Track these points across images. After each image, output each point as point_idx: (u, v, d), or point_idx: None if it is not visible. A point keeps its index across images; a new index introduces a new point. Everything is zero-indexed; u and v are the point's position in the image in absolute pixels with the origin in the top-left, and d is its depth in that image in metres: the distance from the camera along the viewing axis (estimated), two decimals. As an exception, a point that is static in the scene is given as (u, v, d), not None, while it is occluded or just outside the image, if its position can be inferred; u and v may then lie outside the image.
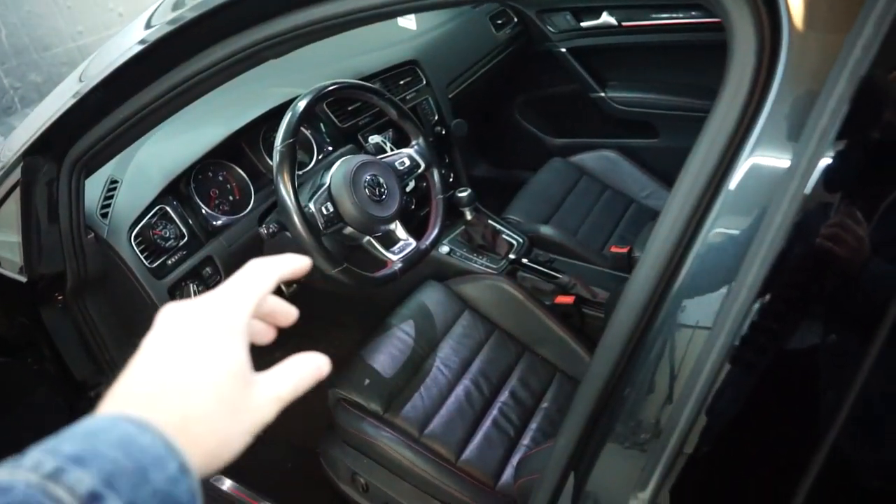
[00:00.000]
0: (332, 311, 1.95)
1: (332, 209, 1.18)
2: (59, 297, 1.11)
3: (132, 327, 1.19)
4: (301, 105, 1.17)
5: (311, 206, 1.16)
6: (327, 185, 1.20)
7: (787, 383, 0.55)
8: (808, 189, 0.44)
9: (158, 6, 0.88)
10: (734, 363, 0.50)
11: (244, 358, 0.38)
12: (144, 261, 1.14)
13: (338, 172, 1.21)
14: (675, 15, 1.97)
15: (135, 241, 1.14)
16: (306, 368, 0.42)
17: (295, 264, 0.46)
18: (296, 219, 1.10)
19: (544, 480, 0.68)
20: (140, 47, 0.82)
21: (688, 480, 0.53)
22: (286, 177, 1.10)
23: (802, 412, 0.56)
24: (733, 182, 0.49)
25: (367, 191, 1.21)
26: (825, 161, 0.44)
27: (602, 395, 0.62)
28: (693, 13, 1.93)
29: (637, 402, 0.57)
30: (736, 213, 0.50)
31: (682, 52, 2.05)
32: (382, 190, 1.24)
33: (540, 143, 2.38)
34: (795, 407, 0.57)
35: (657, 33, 2.03)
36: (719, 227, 0.51)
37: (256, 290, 0.42)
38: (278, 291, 1.47)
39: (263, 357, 0.46)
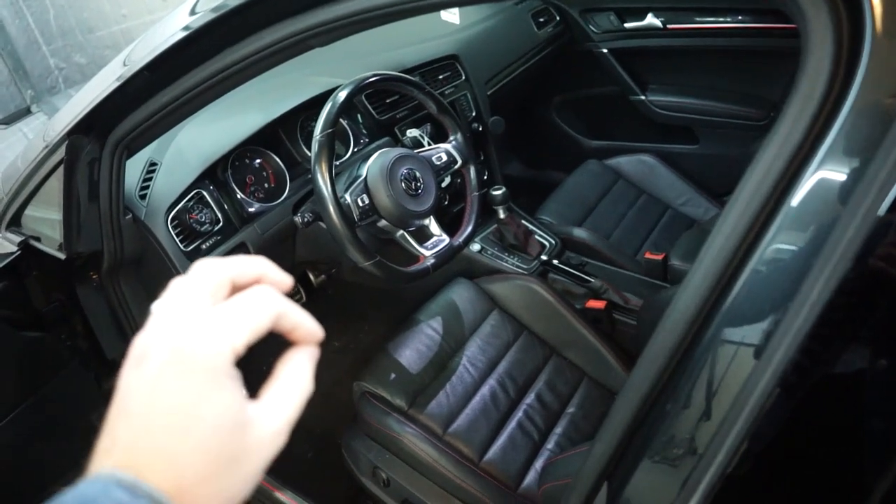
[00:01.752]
0: (358, 304, 1.95)
1: (367, 201, 1.17)
2: (95, 276, 1.13)
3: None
4: (342, 96, 1.16)
5: (347, 197, 1.16)
6: (364, 176, 1.19)
7: (838, 409, 0.53)
8: (881, 210, 0.42)
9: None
10: (786, 387, 0.47)
11: (237, 400, 0.33)
12: (180, 244, 1.15)
13: (375, 165, 1.20)
14: (722, 19, 1.92)
15: (171, 223, 1.15)
16: (303, 372, 0.38)
17: (306, 322, 0.39)
18: (331, 209, 1.09)
19: (576, 486, 0.67)
20: (184, 33, 0.82)
21: (732, 501, 0.51)
22: (324, 167, 1.09)
23: (853, 441, 0.53)
24: (796, 198, 0.47)
25: (403, 184, 1.20)
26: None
27: (642, 406, 0.60)
28: (741, 18, 1.88)
29: (680, 417, 0.55)
30: (798, 230, 0.47)
31: (728, 58, 2.00)
32: (418, 184, 1.23)
33: (576, 144, 2.35)
34: (846, 435, 0.54)
35: (702, 37, 1.98)
36: (778, 244, 0.48)
37: (253, 325, 0.35)
38: (306, 280, 1.47)
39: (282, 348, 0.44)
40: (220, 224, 1.22)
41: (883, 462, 0.47)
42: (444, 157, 1.32)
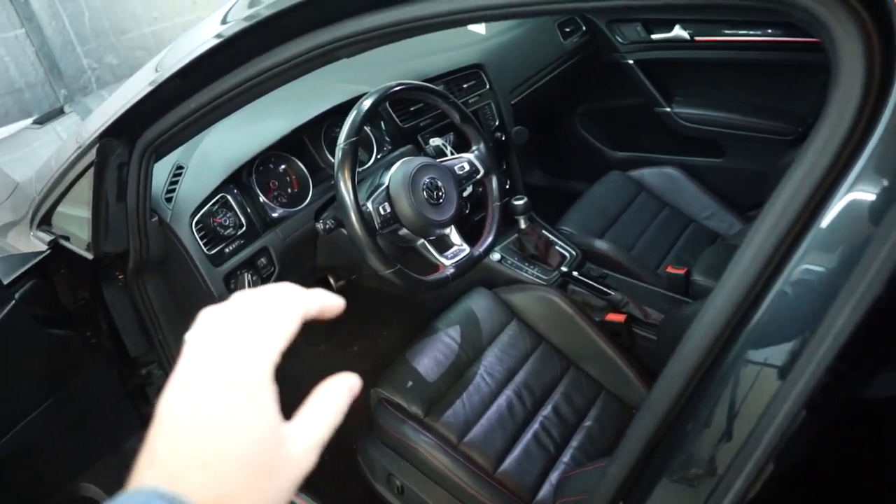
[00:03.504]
0: (378, 310, 1.96)
1: (389, 209, 1.18)
2: (121, 276, 1.15)
3: (186, 311, 1.21)
4: (366, 104, 1.17)
5: (369, 205, 1.17)
6: (386, 185, 1.20)
7: (865, 435, 0.52)
8: None
9: (236, 2, 0.89)
10: (811, 411, 0.47)
11: (274, 415, 0.35)
12: (203, 247, 1.17)
13: (397, 173, 1.20)
14: (751, 32, 1.90)
15: (195, 227, 1.17)
16: (338, 400, 0.39)
17: (327, 302, 0.42)
18: (353, 217, 1.10)
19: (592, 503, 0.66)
20: (216, 41, 0.84)
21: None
22: (347, 174, 1.10)
23: (880, 468, 0.52)
24: (826, 219, 0.46)
25: (425, 193, 1.21)
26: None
27: (661, 426, 0.59)
28: (770, 31, 1.86)
29: (699, 438, 0.54)
30: (827, 252, 0.47)
31: (756, 71, 1.97)
32: (440, 193, 1.23)
33: (599, 155, 2.34)
34: (869, 460, 0.53)
35: (730, 50, 1.96)
36: (806, 265, 0.48)
37: (283, 332, 0.38)
38: (326, 284, 1.48)
39: (310, 350, 0.46)
40: (244, 228, 1.24)
41: None
42: (467, 167, 1.33)
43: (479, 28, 1.88)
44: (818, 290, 0.46)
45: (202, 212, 1.18)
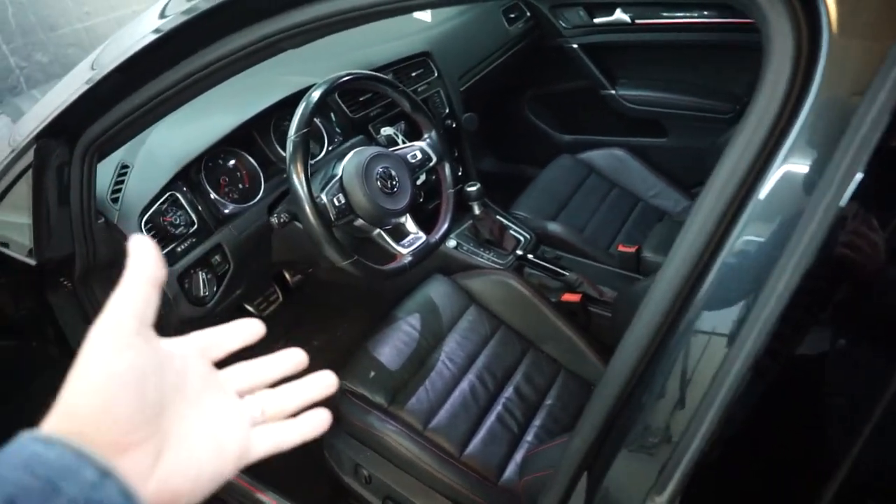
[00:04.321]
0: (336, 302, 1.95)
1: (343, 200, 1.17)
2: (67, 283, 1.11)
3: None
4: (316, 95, 1.16)
5: (323, 196, 1.16)
6: (339, 175, 1.19)
7: (803, 390, 0.55)
8: (843, 201, 0.44)
9: None
10: (757, 372, 0.49)
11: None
12: None
13: (350, 164, 1.20)
14: (689, 14, 1.96)
15: (145, 226, 1.14)
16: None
17: (246, 334, 0.45)
18: (308, 209, 1.09)
19: (557, 478, 0.68)
20: (158, 35, 0.82)
21: (707, 485, 0.53)
22: (299, 167, 1.09)
23: (818, 418, 0.55)
24: (764, 191, 0.49)
25: (378, 183, 1.21)
26: (860, 174, 0.44)
27: (619, 399, 0.62)
28: (706, 13, 1.92)
29: (655, 408, 0.57)
30: (765, 222, 0.49)
31: (696, 52, 2.03)
32: (394, 182, 1.23)
33: (548, 139, 2.37)
34: (812, 414, 0.57)
35: (670, 32, 2.02)
36: (747, 237, 0.50)
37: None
38: (282, 280, 1.46)
39: (268, 348, 0.46)
40: (195, 226, 1.21)
41: (847, 439, 0.50)
42: (419, 155, 1.33)
43: (425, 16, 1.87)
44: (759, 259, 0.49)
45: (151, 211, 1.15)
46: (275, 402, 0.44)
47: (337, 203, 1.17)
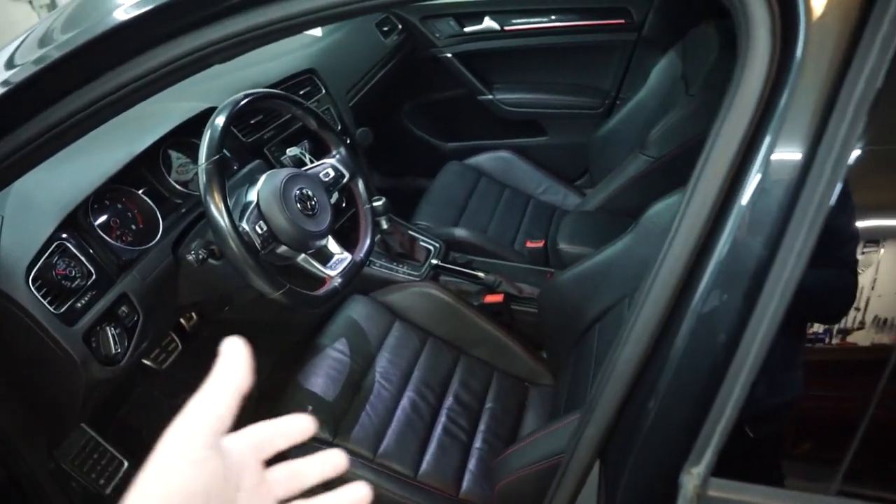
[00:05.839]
0: (254, 341, 1.82)
1: (265, 227, 1.10)
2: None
3: (42, 387, 1.02)
4: (220, 120, 1.07)
5: (245, 225, 1.07)
6: (255, 202, 1.11)
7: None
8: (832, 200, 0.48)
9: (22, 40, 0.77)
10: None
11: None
12: (49, 306, 0.98)
13: (265, 188, 1.12)
14: (552, 18, 2.08)
15: (34, 284, 0.98)
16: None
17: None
18: (231, 241, 1.01)
19: (568, 468, 0.68)
20: (57, 53, 0.71)
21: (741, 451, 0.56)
22: (217, 196, 1.00)
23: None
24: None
25: (298, 205, 1.14)
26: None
27: (629, 384, 0.63)
28: (570, 16, 2.05)
29: (676, 380, 0.58)
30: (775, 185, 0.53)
31: (564, 54, 2.16)
32: (313, 203, 1.17)
33: (433, 149, 2.39)
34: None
35: (536, 36, 2.13)
36: (753, 205, 0.53)
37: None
38: (179, 326, 1.32)
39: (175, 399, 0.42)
40: (94, 277, 1.06)
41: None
42: (332, 173, 1.28)
43: (315, 31, 1.82)
44: (771, 215, 0.52)
45: (38, 265, 0.99)
46: None
47: (259, 231, 1.08)
